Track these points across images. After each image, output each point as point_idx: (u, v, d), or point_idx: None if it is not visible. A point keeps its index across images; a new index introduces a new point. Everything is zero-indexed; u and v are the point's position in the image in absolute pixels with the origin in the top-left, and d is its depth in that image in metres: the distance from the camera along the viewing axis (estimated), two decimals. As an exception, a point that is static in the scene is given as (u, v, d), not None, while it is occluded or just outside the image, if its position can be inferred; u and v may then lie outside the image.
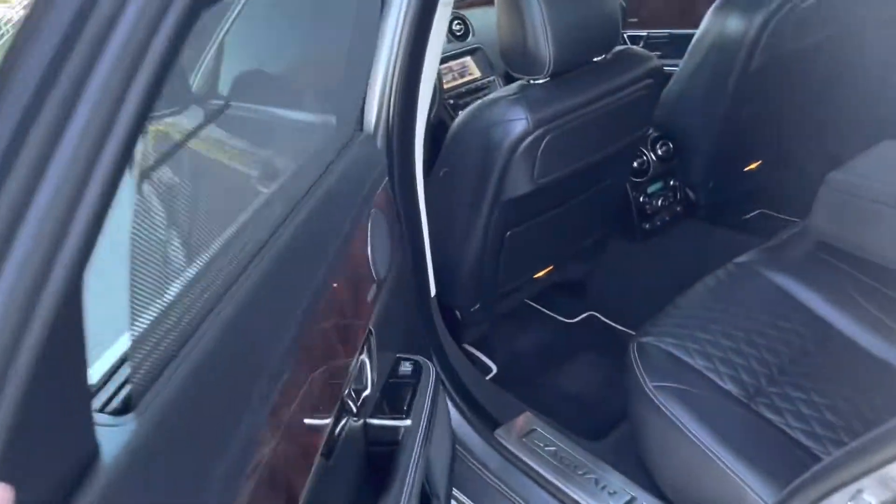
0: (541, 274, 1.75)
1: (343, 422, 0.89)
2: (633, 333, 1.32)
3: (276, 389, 0.68)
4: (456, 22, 2.14)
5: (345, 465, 0.92)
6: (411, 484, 0.88)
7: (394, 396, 1.03)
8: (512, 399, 1.52)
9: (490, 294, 1.61)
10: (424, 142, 1.29)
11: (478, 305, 1.61)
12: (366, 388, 0.98)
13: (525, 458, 1.33)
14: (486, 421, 1.42)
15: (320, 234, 0.89)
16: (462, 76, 2.13)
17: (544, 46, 1.21)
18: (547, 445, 1.35)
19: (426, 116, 1.26)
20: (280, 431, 0.69)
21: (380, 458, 0.93)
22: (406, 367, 1.09)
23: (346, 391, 0.91)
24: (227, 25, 1.76)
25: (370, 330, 1.00)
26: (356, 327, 0.95)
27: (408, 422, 0.97)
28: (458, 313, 1.64)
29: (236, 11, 1.65)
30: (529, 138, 1.26)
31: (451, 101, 2.04)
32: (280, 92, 1.57)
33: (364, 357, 0.98)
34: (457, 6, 2.14)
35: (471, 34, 2.17)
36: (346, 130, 1.15)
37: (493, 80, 2.15)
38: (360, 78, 1.14)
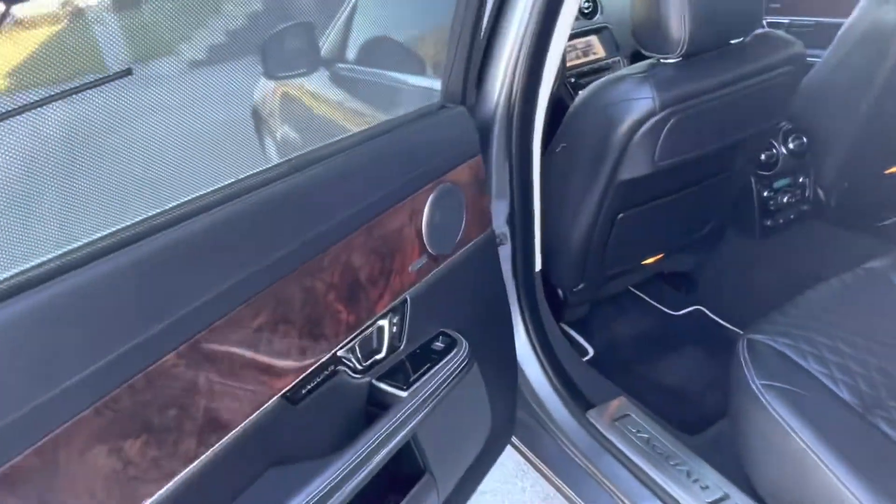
0: (649, 261, 1.71)
1: (328, 374, 0.92)
2: (742, 333, 1.27)
3: (200, 322, 0.73)
4: (585, -1, 2.10)
5: (329, 416, 0.94)
6: (367, 448, 0.89)
7: (413, 367, 1.04)
8: (607, 383, 1.50)
9: (595, 275, 1.59)
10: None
11: (581, 286, 1.60)
12: (380, 351, 1.01)
13: (616, 442, 1.32)
14: (579, 401, 1.42)
15: (337, 193, 0.89)
16: (586, 55, 2.09)
17: (680, 23, 1.17)
18: (640, 432, 1.33)
19: (549, 93, 1.26)
20: (202, 364, 0.74)
21: (373, 419, 0.96)
22: (439, 343, 1.09)
23: (348, 347, 0.95)
24: None
25: (406, 299, 1.03)
26: (378, 292, 0.97)
27: (404, 394, 0.98)
28: (560, 292, 1.64)
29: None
30: (654, 119, 1.22)
31: (573, 80, 2.01)
32: (390, 59, 1.62)
33: (384, 322, 1.01)
34: (588, -17, 2.10)
35: (599, 12, 2.13)
36: (437, 102, 1.16)
37: (618, 61, 2.09)
38: (463, 51, 1.14)
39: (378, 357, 1.01)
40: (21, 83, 0.74)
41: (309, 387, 0.90)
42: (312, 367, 0.89)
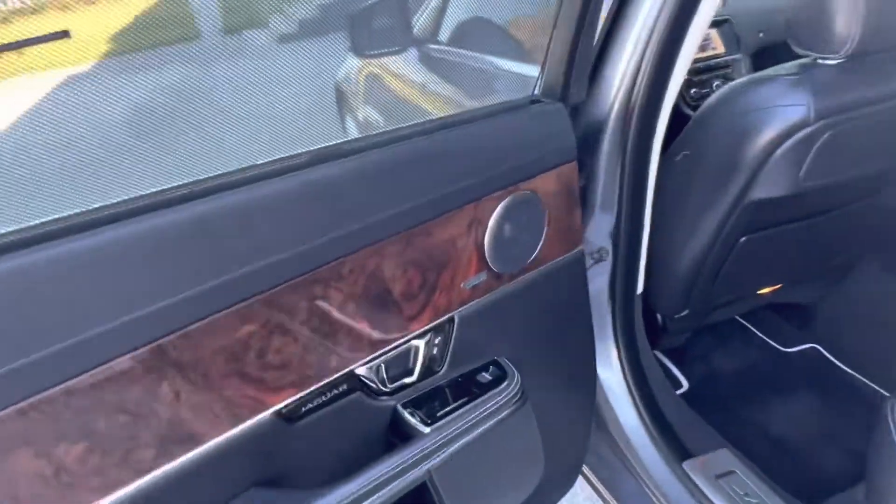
0: (765, 291, 1.50)
1: (338, 393, 0.80)
2: (866, 381, 1.06)
3: (166, 323, 0.63)
4: (710, -14, 1.88)
5: (335, 440, 0.83)
6: (367, 486, 0.78)
7: (451, 397, 0.90)
8: (707, 429, 1.31)
9: (702, 302, 1.40)
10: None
11: (685, 312, 1.40)
12: (411, 373, 0.88)
13: (718, 503, 1.14)
14: (674, 446, 1.24)
15: (370, 191, 0.76)
16: (703, 50, 1.87)
17: (853, 16, 0.96)
18: (748, 496, 1.14)
19: (677, 92, 1.07)
20: (167, 371, 0.64)
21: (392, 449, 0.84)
22: (487, 375, 0.95)
23: (370, 367, 0.83)
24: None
25: (454, 318, 0.89)
26: (415, 309, 0.83)
27: (426, 429, 0.85)
28: (658, 317, 1.45)
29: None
30: (806, 130, 1.02)
31: (687, 77, 1.81)
32: (490, 42, 1.47)
33: (419, 342, 0.87)
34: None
35: (722, 2, 1.90)
36: (528, 95, 1.00)
37: (739, 60, 1.87)
38: (565, 36, 0.97)
39: (408, 380, 0.88)
40: (120, 48, 0.73)
41: (312, 405, 0.78)
42: (317, 386, 0.77)
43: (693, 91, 1.76)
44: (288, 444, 0.77)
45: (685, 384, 1.57)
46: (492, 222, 0.87)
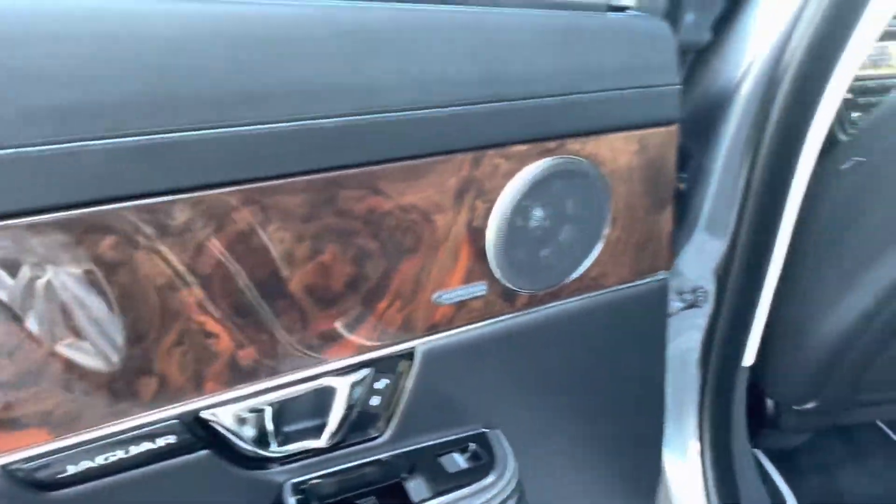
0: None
1: (156, 450, 0.46)
2: None
3: None
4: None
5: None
6: None
7: (392, 487, 0.56)
8: None
9: (841, 394, 0.96)
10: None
11: (811, 405, 0.97)
12: (318, 433, 0.53)
13: None
14: None
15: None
16: (876, 66, 1.52)
17: None
18: None
19: (859, 63, 0.67)
20: None
21: None
22: (460, 457, 0.59)
23: (237, 413, 0.49)
24: None
25: (413, 351, 0.54)
26: (330, 318, 0.49)
27: None
28: (769, 403, 1.02)
29: None
30: None
31: (850, 96, 1.44)
32: None
33: (339, 382, 0.52)
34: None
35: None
36: (602, 2, 0.62)
37: None
38: None
39: (312, 444, 0.54)
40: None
41: (93, 463, 0.45)
42: (105, 427, 0.44)
43: (855, 115, 1.41)
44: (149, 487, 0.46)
45: (791, 503, 1.12)
46: (505, 198, 0.51)
